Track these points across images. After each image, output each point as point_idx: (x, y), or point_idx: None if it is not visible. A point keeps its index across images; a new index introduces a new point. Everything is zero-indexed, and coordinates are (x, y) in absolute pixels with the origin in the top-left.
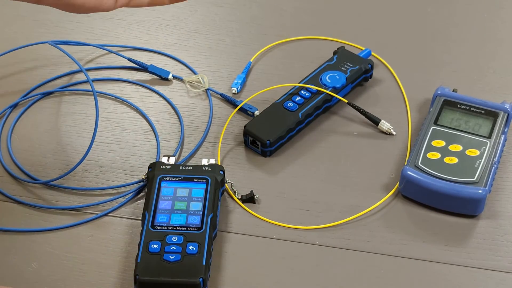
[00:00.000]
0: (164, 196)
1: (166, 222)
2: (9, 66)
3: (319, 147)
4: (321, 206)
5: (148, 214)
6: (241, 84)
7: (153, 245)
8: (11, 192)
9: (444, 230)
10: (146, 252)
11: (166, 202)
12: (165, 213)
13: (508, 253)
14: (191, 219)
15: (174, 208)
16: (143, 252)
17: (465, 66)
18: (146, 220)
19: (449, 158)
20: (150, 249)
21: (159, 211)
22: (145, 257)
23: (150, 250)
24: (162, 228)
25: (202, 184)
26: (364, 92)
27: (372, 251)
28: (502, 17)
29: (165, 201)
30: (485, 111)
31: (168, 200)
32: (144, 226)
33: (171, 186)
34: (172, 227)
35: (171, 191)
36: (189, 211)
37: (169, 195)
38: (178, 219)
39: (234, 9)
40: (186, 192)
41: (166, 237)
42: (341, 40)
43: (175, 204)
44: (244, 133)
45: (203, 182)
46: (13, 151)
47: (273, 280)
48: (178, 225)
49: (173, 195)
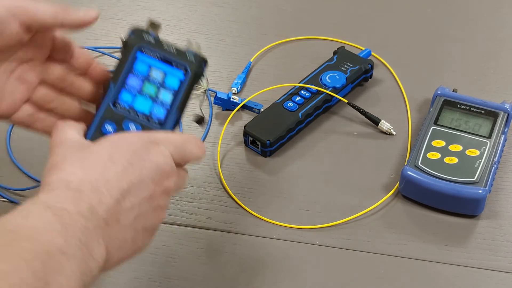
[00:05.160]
0: (136, 71)
1: (129, 104)
2: None
3: (319, 147)
4: (321, 206)
5: (114, 86)
6: (241, 84)
7: (108, 126)
8: (11, 192)
9: (444, 230)
10: (98, 131)
11: (136, 80)
12: (131, 92)
13: (508, 253)
14: (156, 110)
15: (142, 89)
16: (96, 131)
17: (465, 66)
18: (108, 93)
19: (449, 158)
20: (104, 130)
21: (126, 87)
22: (96, 136)
23: (103, 131)
24: (123, 111)
25: (179, 73)
26: (364, 92)
27: (372, 251)
28: (502, 17)
29: (135, 78)
30: (485, 111)
31: (139, 78)
32: (104, 99)
33: (147, 62)
34: (133, 113)
35: (145, 69)
36: (156, 99)
37: (141, 72)
38: (143, 105)
39: (234, 9)
40: (160, 76)
41: (123, 121)
42: (341, 40)
43: (145, 86)
44: (244, 133)
45: (182, 71)
46: (13, 151)
47: (273, 280)
48: (141, 112)
49: (146, 74)
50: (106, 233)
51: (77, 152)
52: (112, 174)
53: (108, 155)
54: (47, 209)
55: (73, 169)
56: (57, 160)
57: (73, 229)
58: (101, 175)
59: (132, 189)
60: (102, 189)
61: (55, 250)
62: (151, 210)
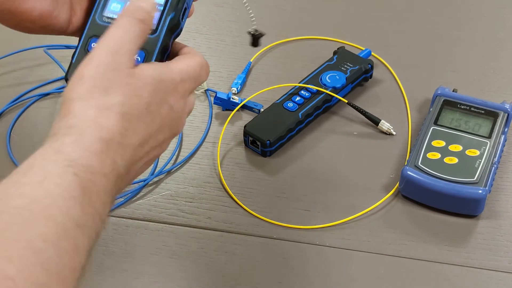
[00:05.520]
0: None
1: (118, 14)
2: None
3: (319, 147)
4: (321, 206)
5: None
6: (241, 84)
7: (94, 44)
8: None
9: (444, 230)
10: (84, 50)
11: None
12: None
13: (508, 253)
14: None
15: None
16: (81, 50)
17: (465, 66)
18: (95, 5)
19: (449, 158)
20: (90, 49)
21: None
22: (82, 57)
23: (89, 49)
24: (111, 22)
25: None
26: (364, 92)
27: (372, 251)
28: (502, 17)
29: None
30: (485, 111)
31: None
32: (91, 14)
33: None
34: None
35: None
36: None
37: None
38: None
39: (234, 9)
40: None
41: None
42: (341, 40)
43: None
44: (244, 133)
45: None
46: (13, 151)
47: (273, 280)
48: None
49: None
50: (117, 187)
51: (125, 78)
52: (142, 126)
53: (147, 101)
54: (68, 169)
55: (110, 107)
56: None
57: (91, 196)
58: (133, 124)
59: (150, 140)
60: (128, 141)
61: (71, 225)
62: (157, 154)
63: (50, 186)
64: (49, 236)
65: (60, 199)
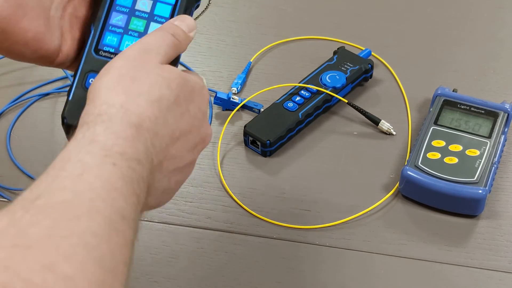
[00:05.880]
0: (120, 5)
1: (114, 48)
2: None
3: (319, 147)
4: (321, 206)
5: (94, 30)
6: (241, 84)
7: (92, 79)
8: (11, 192)
9: (444, 230)
10: (81, 87)
11: (120, 16)
12: (116, 32)
13: (508, 253)
14: None
15: (128, 27)
16: (78, 86)
17: (465, 66)
18: (90, 38)
19: (449, 158)
20: (87, 85)
21: (109, 28)
22: (79, 94)
23: (87, 85)
24: (108, 57)
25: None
26: (364, 92)
27: (372, 251)
28: (502, 17)
29: (119, 14)
30: (485, 111)
31: (124, 13)
32: (86, 47)
33: None
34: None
35: (130, 0)
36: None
37: (126, 5)
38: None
39: (234, 9)
40: (149, 6)
41: None
42: (341, 40)
43: (131, 22)
44: (244, 133)
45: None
46: (13, 151)
47: (273, 280)
48: None
49: (131, 6)
50: (150, 180)
51: (153, 69)
52: (172, 117)
53: (176, 93)
54: (106, 159)
55: (140, 94)
56: (130, 70)
57: (132, 185)
58: (162, 113)
59: (181, 138)
60: (158, 129)
61: (118, 218)
62: (187, 164)
63: (91, 178)
64: (99, 231)
65: (103, 191)
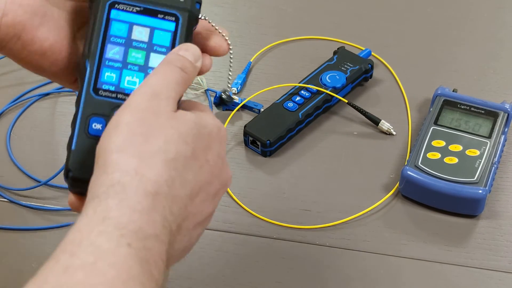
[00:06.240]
0: (115, 36)
1: (115, 85)
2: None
3: (319, 147)
4: (321, 206)
5: (90, 66)
6: (241, 84)
7: (95, 124)
8: (11, 192)
9: (444, 230)
10: (84, 134)
11: (117, 48)
12: (114, 67)
13: (508, 253)
14: None
15: (127, 60)
16: (81, 133)
17: (465, 66)
18: (86, 77)
19: (449, 158)
20: (91, 131)
21: (106, 63)
22: (83, 142)
23: (90, 132)
24: (110, 96)
25: (169, 24)
26: (364, 92)
27: (372, 251)
28: (502, 17)
29: (115, 46)
30: (485, 111)
31: (120, 44)
32: (83, 87)
33: (125, 20)
34: (122, 96)
35: (125, 29)
36: (148, 68)
37: (121, 35)
38: (133, 82)
39: (234, 9)
40: (146, 34)
41: (114, 111)
42: (341, 40)
43: (129, 54)
44: (244, 133)
45: (172, 21)
46: (13, 151)
47: (273, 280)
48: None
49: (127, 36)
50: (170, 251)
51: (166, 121)
52: (190, 174)
53: (193, 147)
54: (121, 240)
55: (154, 154)
56: (141, 126)
57: (150, 269)
58: (179, 172)
59: (200, 193)
60: (177, 192)
61: None
62: (208, 215)
63: (105, 267)
64: None
65: (119, 283)
